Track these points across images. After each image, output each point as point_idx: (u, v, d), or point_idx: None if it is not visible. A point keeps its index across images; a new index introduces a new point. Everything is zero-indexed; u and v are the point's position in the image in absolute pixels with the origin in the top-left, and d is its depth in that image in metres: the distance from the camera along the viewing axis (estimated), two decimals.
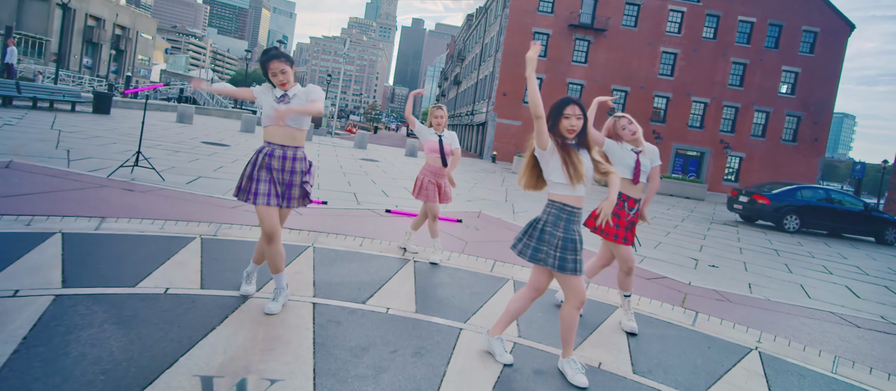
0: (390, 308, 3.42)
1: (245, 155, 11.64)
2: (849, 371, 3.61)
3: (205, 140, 13.57)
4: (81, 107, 15.98)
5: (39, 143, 8.04)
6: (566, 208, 2.74)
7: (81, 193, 5.26)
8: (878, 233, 15.14)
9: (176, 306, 2.89)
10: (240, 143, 14.38)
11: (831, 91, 33.55)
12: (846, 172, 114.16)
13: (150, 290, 3.06)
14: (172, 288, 3.14)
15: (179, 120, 18.35)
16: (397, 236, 5.62)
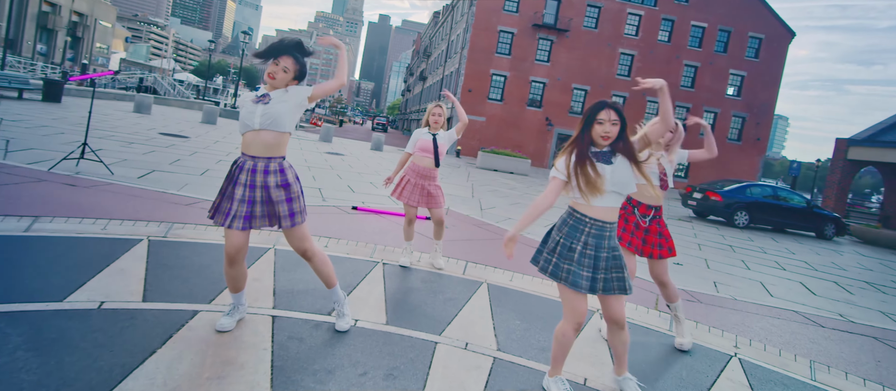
0: (359, 319, 3.05)
1: (205, 147, 10.92)
2: (826, 377, 3.49)
3: (163, 131, 12.69)
4: (30, 94, 14.73)
5: None
6: (576, 215, 2.41)
7: (14, 189, 4.62)
8: (818, 229, 15.70)
9: (110, 325, 2.43)
10: (200, 135, 13.55)
11: (773, 94, 34.90)
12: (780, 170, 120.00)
13: (81, 305, 2.57)
14: (108, 301, 2.67)
15: (137, 110, 17.22)
16: (365, 235, 5.23)
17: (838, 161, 21.46)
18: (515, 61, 32.67)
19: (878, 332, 5.04)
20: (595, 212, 2.37)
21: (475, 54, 32.56)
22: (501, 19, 32.46)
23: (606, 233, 2.38)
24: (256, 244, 4.13)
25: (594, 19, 32.85)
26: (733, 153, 34.65)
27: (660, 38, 33.31)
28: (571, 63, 32.84)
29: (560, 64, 32.88)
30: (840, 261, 10.79)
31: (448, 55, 41.49)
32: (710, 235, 11.69)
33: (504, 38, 32.67)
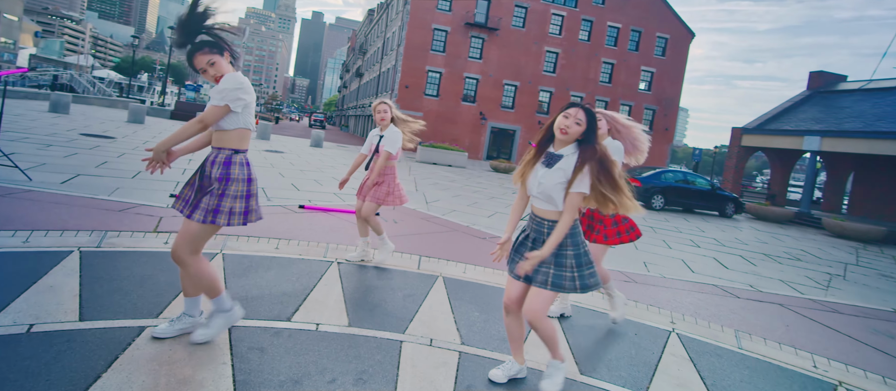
0: (320, 323, 2.86)
1: (133, 148, 9.99)
2: (749, 344, 3.74)
3: (85, 131, 11.48)
4: None
5: None
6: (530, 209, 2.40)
7: None
8: (720, 209, 17.01)
9: (43, 351, 2.10)
10: (127, 135, 12.40)
11: (678, 88, 37.44)
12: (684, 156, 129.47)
13: (6, 330, 2.21)
14: (38, 323, 2.31)
15: (53, 109, 15.48)
16: (315, 234, 4.98)
17: (735, 147, 23.39)
18: (450, 58, 32.74)
19: (782, 300, 5.50)
20: (535, 207, 2.39)
21: (411, 51, 32.27)
22: (435, 17, 32.35)
23: (545, 229, 2.32)
24: (209, 248, 3.80)
25: (521, 19, 33.57)
26: None
27: (580, 37, 34.64)
28: (502, 60, 33.42)
29: (491, 61, 33.36)
30: (741, 237, 11.76)
31: (384, 52, 40.82)
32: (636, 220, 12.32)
33: (438, 36, 32.61)
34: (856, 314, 5.32)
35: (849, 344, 4.13)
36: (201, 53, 2.28)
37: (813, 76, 24.67)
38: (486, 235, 6.55)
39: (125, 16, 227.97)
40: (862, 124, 18.42)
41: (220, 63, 2.31)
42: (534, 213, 2.38)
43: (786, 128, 21.31)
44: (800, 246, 11.56)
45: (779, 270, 7.67)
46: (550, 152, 2.34)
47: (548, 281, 2.27)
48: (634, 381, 2.76)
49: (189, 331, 2.39)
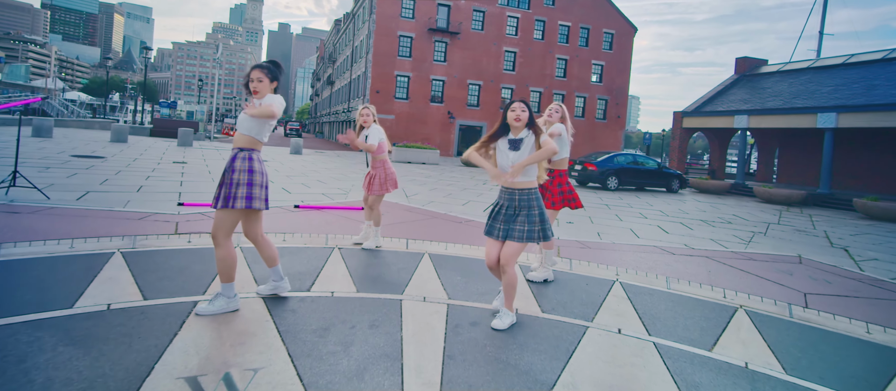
0: (334, 291, 3.38)
1: (126, 166, 10.12)
2: (677, 285, 4.44)
3: (75, 153, 11.47)
4: None
5: None
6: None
7: None
8: (667, 185, 18.12)
9: (127, 320, 2.56)
10: (115, 154, 12.42)
11: (626, 79, 38.94)
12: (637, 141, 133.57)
13: (92, 309, 2.65)
14: (114, 303, 2.75)
15: (36, 134, 15.20)
16: (314, 228, 5.45)
17: (677, 129, 24.72)
18: (416, 62, 33.15)
19: (709, 254, 6.29)
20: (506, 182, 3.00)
21: (379, 58, 32.52)
22: (400, 25, 32.68)
23: (516, 196, 2.97)
24: None
25: (480, 22, 34.26)
26: (601, 130, 38.27)
27: (535, 36, 35.61)
28: (465, 61, 34.05)
29: (455, 63, 33.94)
30: (684, 207, 12.73)
31: (354, 59, 40.83)
32: (592, 198, 13.13)
33: (404, 42, 32.96)
34: (767, 260, 6.15)
35: (755, 281, 4.90)
36: (256, 70, 2.89)
37: (739, 62, 26.25)
38: (462, 220, 7.13)
39: (90, 37, 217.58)
40: (781, 102, 19.89)
41: (266, 83, 2.85)
42: (506, 188, 3.00)
43: (719, 109, 22.70)
44: (733, 212, 12.61)
45: (711, 232, 8.54)
46: (512, 139, 2.96)
47: (523, 236, 2.91)
48: (583, 314, 3.39)
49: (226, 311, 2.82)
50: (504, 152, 2.98)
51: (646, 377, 2.50)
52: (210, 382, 2.02)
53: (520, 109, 2.93)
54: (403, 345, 2.61)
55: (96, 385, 1.92)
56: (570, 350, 2.75)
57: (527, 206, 2.96)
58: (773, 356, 2.93)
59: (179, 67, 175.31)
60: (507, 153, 2.96)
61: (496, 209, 3.05)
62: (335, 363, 2.33)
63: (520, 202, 2.97)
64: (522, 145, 2.94)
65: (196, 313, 2.69)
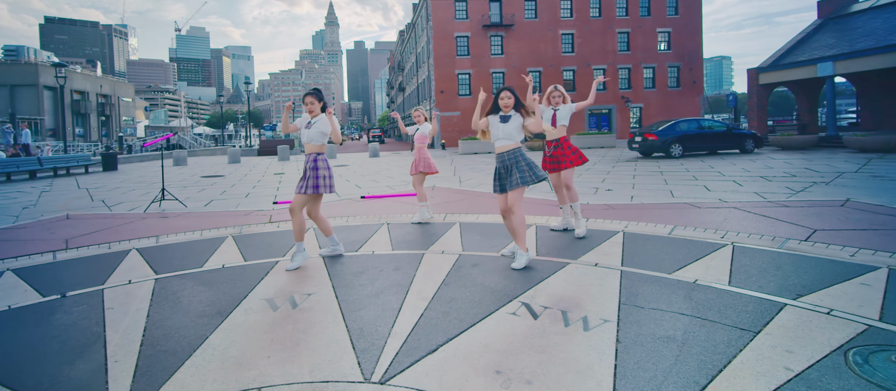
0: (375, 251, 4.31)
1: (239, 180, 12.13)
2: (680, 232, 4.73)
3: (203, 175, 13.89)
4: (93, 168, 15.92)
5: (78, 200, 8.43)
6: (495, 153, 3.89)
7: (133, 225, 5.86)
8: (740, 146, 16.86)
9: (234, 272, 3.69)
10: (232, 173, 14.75)
11: (698, 41, 35.93)
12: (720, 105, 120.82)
13: (213, 267, 3.84)
14: (227, 264, 3.93)
15: (176, 163, 18.39)
16: (373, 211, 6.47)
17: (754, 87, 22.61)
18: (475, 59, 33.76)
19: (740, 205, 6.25)
20: (499, 147, 3.78)
21: (440, 60, 33.64)
22: (456, 27, 33.50)
23: (507, 158, 3.75)
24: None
25: (533, 10, 33.88)
26: (675, 98, 35.81)
27: (592, 14, 34.31)
28: (522, 51, 33.92)
29: (512, 53, 33.96)
30: (750, 166, 12.00)
31: (418, 65, 42.47)
32: (648, 168, 12.88)
33: (461, 42, 33.72)
34: (803, 206, 5.99)
35: (768, 223, 4.98)
36: (308, 96, 3.92)
37: (821, 4, 23.20)
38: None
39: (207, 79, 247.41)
40: (874, 41, 17.44)
41: (317, 105, 3.87)
42: (499, 153, 3.83)
43: (799, 59, 20.42)
44: (807, 165, 11.65)
45: (762, 186, 8.21)
46: (503, 115, 3.76)
47: (517, 182, 3.69)
48: (571, 255, 3.96)
49: (303, 263, 3.89)
50: (496, 125, 3.81)
51: (596, 291, 3.06)
52: (280, 301, 3.02)
53: (507, 97, 3.77)
54: (414, 279, 3.44)
55: (216, 301, 3.01)
56: (543, 278, 3.38)
57: (515, 161, 3.75)
58: (729, 275, 3.29)
59: (277, 94, 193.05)
60: (499, 125, 3.79)
61: (496, 173, 3.86)
62: (362, 289, 3.23)
63: (509, 160, 3.75)
64: (511, 120, 3.73)
65: (286, 269, 3.75)
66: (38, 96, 43.07)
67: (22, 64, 53.41)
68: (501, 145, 3.76)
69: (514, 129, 3.74)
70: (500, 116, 3.79)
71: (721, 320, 2.53)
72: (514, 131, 3.74)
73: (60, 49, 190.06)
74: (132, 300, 3.11)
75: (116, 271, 3.82)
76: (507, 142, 3.74)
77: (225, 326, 2.65)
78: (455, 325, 2.59)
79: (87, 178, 13.30)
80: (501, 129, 3.74)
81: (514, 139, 3.75)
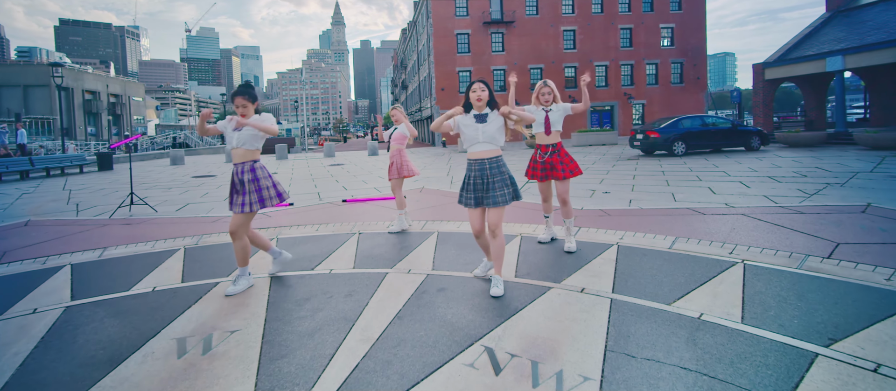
0: (333, 269, 3.73)
1: (228, 180, 11.62)
2: (682, 245, 4.11)
3: (195, 175, 13.40)
4: (88, 168, 15.51)
5: (52, 203, 7.94)
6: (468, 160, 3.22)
7: (88, 233, 5.33)
8: (745, 143, 16.09)
9: (160, 298, 3.13)
10: (225, 173, 14.24)
11: (702, 37, 34.90)
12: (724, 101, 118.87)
13: (141, 291, 3.28)
14: (159, 286, 3.37)
15: (173, 163, 17.95)
16: (349, 218, 5.90)
17: (759, 83, 21.72)
18: (475, 56, 32.99)
19: (748, 211, 5.61)
20: (475, 153, 3.12)
21: (440, 58, 32.92)
22: (456, 24, 32.74)
23: (486, 166, 3.08)
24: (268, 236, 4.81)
25: (534, 6, 33.01)
26: (678, 94, 34.85)
27: (594, 10, 33.38)
28: (523, 48, 33.09)
29: (514, 50, 33.14)
30: (756, 165, 11.28)
31: (419, 63, 41.77)
32: (649, 167, 12.19)
33: (462, 39, 32.96)
34: (820, 212, 5.34)
35: (783, 234, 4.34)
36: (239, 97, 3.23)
37: None
38: None
39: (217, 79, 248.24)
40: (885, 34, 16.54)
41: (250, 108, 3.25)
42: (475, 159, 3.12)
43: (807, 53, 19.52)
44: (817, 164, 10.92)
45: (771, 188, 7.55)
46: (477, 114, 3.13)
47: (499, 201, 3.04)
48: (555, 277, 3.35)
49: (247, 288, 3.30)
50: (471, 125, 3.12)
51: (578, 330, 2.46)
52: (193, 342, 2.45)
53: (480, 92, 3.12)
54: (365, 309, 2.85)
55: (114, 343, 2.44)
56: (517, 309, 2.78)
57: (498, 172, 3.08)
58: (741, 307, 2.67)
59: (284, 93, 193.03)
60: (475, 125, 3.10)
61: (469, 181, 3.16)
62: (298, 325, 2.65)
63: (490, 170, 3.08)
64: (490, 120, 3.09)
65: (226, 295, 3.17)
66: (51, 96, 43.08)
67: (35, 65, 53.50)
68: (481, 150, 3.09)
69: (496, 130, 3.08)
70: (474, 115, 3.12)
71: (734, 380, 1.92)
72: (497, 133, 3.09)
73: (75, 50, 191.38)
74: (19, 339, 2.55)
75: (30, 295, 3.28)
76: (488, 146, 3.08)
77: (106, 383, 2.08)
78: (395, 382, 2.00)
79: (79, 179, 12.85)
80: (480, 131, 3.07)
81: (497, 143, 3.10)
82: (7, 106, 44.22)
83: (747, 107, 67.18)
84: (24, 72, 46.37)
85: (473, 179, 3.12)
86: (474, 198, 3.10)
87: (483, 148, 3.09)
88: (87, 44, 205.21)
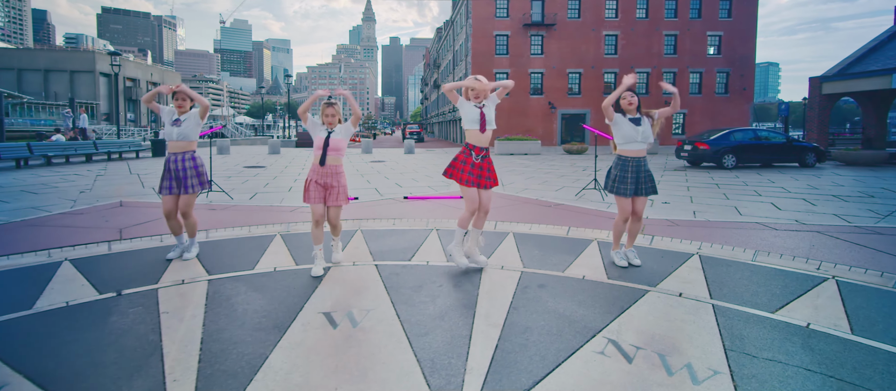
0: (429, 260, 4.04)
1: (280, 172, 12.19)
2: (764, 258, 4.26)
3: (245, 165, 14.07)
4: (143, 154, 16.49)
5: (130, 186, 8.61)
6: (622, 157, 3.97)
7: None
8: (800, 159, 15.75)
9: (286, 278, 3.51)
10: (272, 164, 14.88)
11: (751, 46, 34.06)
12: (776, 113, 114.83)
13: (264, 270, 3.67)
14: (278, 267, 3.75)
15: (219, 152, 18.80)
16: (418, 214, 6.22)
17: (815, 97, 21.13)
18: (513, 58, 33.12)
19: (823, 229, 5.67)
20: (630, 153, 3.89)
21: (478, 59, 33.18)
22: (495, 25, 32.95)
23: (641, 163, 3.89)
24: (348, 228, 5.18)
25: (576, 10, 32.90)
26: (723, 105, 34.13)
27: (638, 15, 33.03)
28: (563, 51, 33.03)
29: (553, 54, 33.12)
30: (816, 183, 11.11)
31: (455, 63, 42.13)
32: (700, 179, 12.16)
33: (501, 41, 33.15)
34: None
35: (867, 254, 4.42)
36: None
37: None
38: (551, 204, 7.38)
39: (248, 71, 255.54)
40: None
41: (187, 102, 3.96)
42: (632, 157, 3.86)
43: (871, 68, 18.89)
44: (883, 184, 10.68)
45: (838, 207, 7.52)
46: (632, 118, 3.87)
47: (652, 189, 3.92)
48: (648, 281, 3.56)
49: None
50: (629, 125, 3.86)
51: (692, 329, 2.69)
52: (339, 317, 2.79)
53: (631, 97, 3.91)
54: (478, 299, 3.15)
55: (271, 314, 2.81)
56: (624, 307, 3.02)
57: (647, 168, 3.93)
58: (846, 320, 2.84)
59: (314, 87, 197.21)
60: (635, 128, 3.85)
61: (624, 174, 3.87)
62: (424, 308, 2.96)
63: (644, 166, 3.89)
64: (643, 124, 3.95)
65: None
66: (95, 82, 45.54)
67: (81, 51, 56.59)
68: (637, 149, 3.87)
69: (649, 132, 3.88)
70: (629, 119, 3.85)
71: (863, 384, 2.12)
72: (650, 135, 3.88)
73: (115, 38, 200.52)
74: (186, 305, 2.95)
75: (171, 267, 3.71)
76: (643, 146, 3.87)
77: (284, 344, 2.43)
78: (538, 364, 2.28)
79: (138, 163, 13.71)
80: (638, 133, 3.82)
81: (648, 142, 3.87)
82: (54, 90, 46.97)
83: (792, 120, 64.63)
84: (70, 58, 49.13)
85: (629, 172, 3.85)
86: (633, 189, 3.84)
87: (639, 147, 3.84)
88: (127, 32, 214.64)
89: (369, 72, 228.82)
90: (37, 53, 50.67)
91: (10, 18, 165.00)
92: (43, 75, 46.20)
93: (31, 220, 5.51)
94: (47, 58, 48.45)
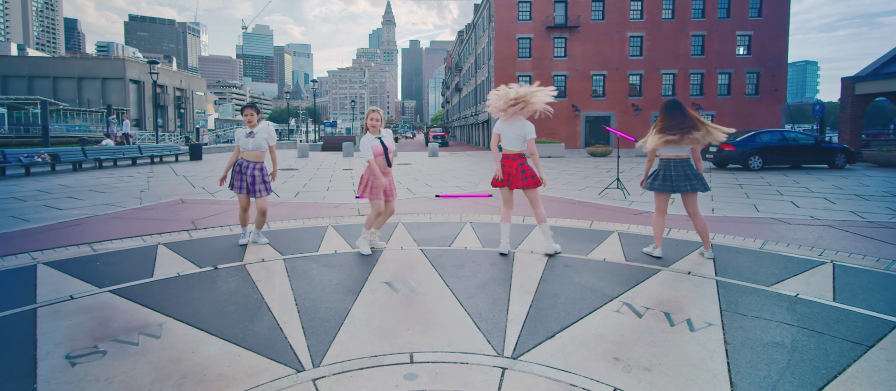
0: (466, 247, 4.69)
1: (315, 173, 13.05)
2: (772, 247, 4.75)
3: (280, 168, 15.03)
4: (181, 157, 17.70)
5: (181, 186, 9.54)
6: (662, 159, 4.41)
7: (236, 211, 6.63)
8: (829, 160, 15.79)
9: (347, 258, 4.21)
10: (304, 167, 15.81)
11: (783, 45, 33.70)
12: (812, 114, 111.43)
13: (328, 253, 4.39)
14: (338, 250, 4.47)
15: None
16: (451, 210, 6.88)
17: (848, 98, 21.00)
18: (536, 61, 33.62)
19: (835, 224, 6.06)
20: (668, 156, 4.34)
21: (500, 62, 33.80)
22: (518, 28, 33.53)
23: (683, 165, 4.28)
24: (389, 222, 5.87)
25: (600, 12, 33.21)
26: (753, 106, 33.84)
27: (664, 16, 33.13)
28: (586, 54, 33.36)
29: (576, 56, 33.48)
30: (841, 183, 11.30)
31: (477, 66, 42.84)
32: (725, 179, 12.44)
33: (523, 44, 33.70)
34: None
35: (872, 244, 4.85)
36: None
37: None
38: (575, 202, 7.94)
39: (269, 76, 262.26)
40: None
41: (256, 117, 4.54)
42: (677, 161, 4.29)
43: None
44: None
45: (858, 205, 7.82)
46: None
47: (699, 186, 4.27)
48: (661, 263, 4.13)
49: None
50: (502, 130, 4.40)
51: (695, 296, 3.26)
52: (397, 286, 3.47)
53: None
54: (513, 275, 3.78)
55: (342, 283, 3.50)
56: (638, 281, 3.60)
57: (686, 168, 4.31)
58: (832, 291, 3.35)
59: (335, 91, 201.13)
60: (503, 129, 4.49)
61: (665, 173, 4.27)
62: (467, 281, 3.61)
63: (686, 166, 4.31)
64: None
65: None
66: (125, 88, 48.02)
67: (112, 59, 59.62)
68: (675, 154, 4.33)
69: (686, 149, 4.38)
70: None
71: (829, 332, 2.66)
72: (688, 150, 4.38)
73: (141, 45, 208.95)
74: (273, 276, 3.67)
75: (249, 250, 4.46)
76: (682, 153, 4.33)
77: (360, 302, 3.12)
78: (564, 317, 2.90)
79: (180, 166, 14.81)
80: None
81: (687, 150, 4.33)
82: (87, 97, 49.75)
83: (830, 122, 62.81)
84: (102, 65, 51.87)
85: (667, 172, 4.25)
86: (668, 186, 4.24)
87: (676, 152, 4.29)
88: (153, 39, 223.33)
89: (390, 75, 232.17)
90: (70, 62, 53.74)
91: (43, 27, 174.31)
92: (76, 83, 49.04)
93: (112, 214, 6.40)
94: (80, 66, 51.38)
